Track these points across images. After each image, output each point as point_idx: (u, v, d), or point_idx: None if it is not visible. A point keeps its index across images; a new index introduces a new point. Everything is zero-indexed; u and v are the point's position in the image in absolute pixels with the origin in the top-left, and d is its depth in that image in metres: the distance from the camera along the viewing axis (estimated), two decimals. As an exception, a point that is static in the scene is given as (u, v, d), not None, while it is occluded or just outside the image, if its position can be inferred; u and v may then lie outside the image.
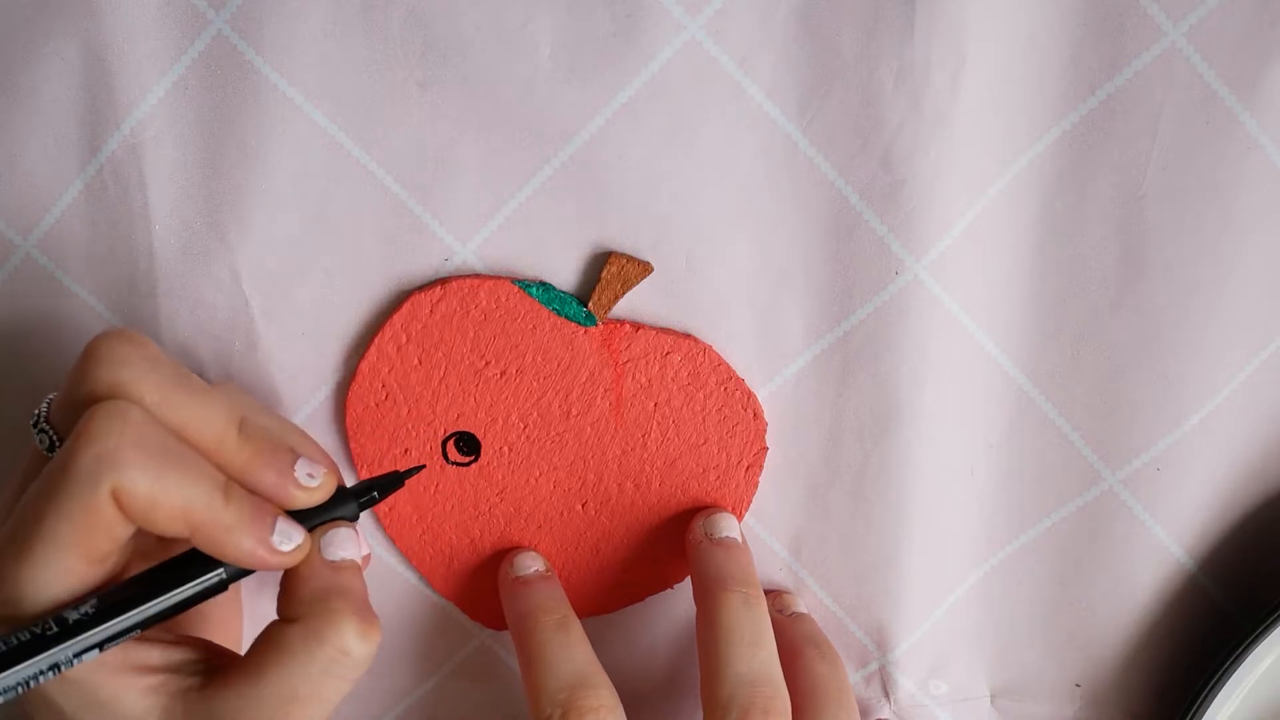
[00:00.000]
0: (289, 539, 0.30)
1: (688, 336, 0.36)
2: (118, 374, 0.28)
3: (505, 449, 0.37)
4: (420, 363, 0.36)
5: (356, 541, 0.32)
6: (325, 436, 0.37)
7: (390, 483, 0.33)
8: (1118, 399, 0.37)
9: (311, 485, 0.30)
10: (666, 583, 0.39)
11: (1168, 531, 0.38)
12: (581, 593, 0.38)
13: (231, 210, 0.34)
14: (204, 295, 0.35)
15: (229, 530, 0.29)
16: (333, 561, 0.31)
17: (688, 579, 0.39)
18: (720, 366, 0.36)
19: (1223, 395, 0.37)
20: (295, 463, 0.30)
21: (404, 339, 0.35)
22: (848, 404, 0.37)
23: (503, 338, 0.35)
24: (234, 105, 0.33)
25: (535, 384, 0.36)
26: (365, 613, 0.30)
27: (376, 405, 0.36)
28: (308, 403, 0.37)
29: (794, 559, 0.39)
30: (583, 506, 0.37)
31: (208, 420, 0.29)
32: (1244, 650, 0.37)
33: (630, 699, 0.35)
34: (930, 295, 0.35)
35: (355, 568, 0.31)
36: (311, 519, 0.31)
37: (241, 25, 0.33)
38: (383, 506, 0.37)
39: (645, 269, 0.35)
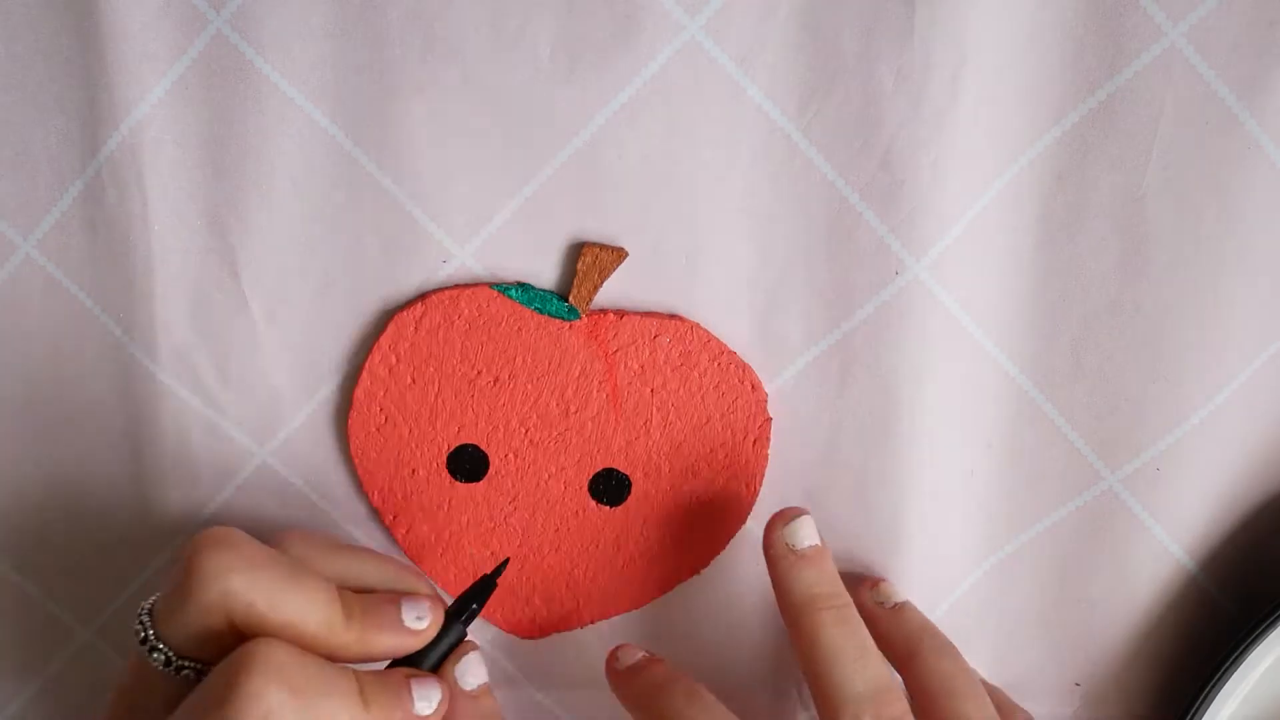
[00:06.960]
0: (430, 701, 0.30)
1: (674, 317, 0.36)
2: (227, 584, 0.29)
3: (511, 456, 0.36)
4: (414, 381, 0.36)
5: (480, 660, 0.32)
6: (327, 438, 0.37)
7: (483, 588, 0.33)
8: (1118, 399, 0.37)
9: (423, 627, 0.31)
10: (694, 568, 0.38)
11: (1168, 531, 0.38)
12: (611, 591, 0.38)
13: (232, 210, 0.34)
14: (204, 296, 0.35)
15: None
16: (471, 691, 0.32)
17: (714, 561, 0.38)
18: (710, 342, 0.36)
19: (1223, 395, 0.37)
20: (402, 612, 0.31)
21: (394, 360, 0.35)
22: (848, 404, 0.37)
23: (490, 344, 0.35)
24: (234, 105, 0.33)
25: (530, 386, 0.36)
26: None
27: (378, 430, 0.36)
28: (308, 403, 0.37)
29: (794, 559, 0.39)
30: (596, 503, 0.37)
31: (314, 607, 0.29)
32: (1244, 650, 0.37)
33: None
34: (930, 295, 0.35)
35: (488, 688, 0.32)
36: (429, 655, 0.31)
37: (241, 25, 0.33)
38: (400, 529, 0.37)
39: (620, 254, 0.34)
